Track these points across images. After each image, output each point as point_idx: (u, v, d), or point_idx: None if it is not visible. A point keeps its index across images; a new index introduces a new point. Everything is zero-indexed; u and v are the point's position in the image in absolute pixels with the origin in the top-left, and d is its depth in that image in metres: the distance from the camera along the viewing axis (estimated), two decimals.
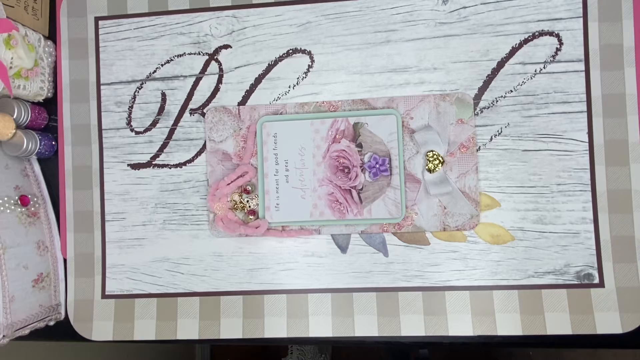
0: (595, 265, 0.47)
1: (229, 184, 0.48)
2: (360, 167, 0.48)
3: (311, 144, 0.48)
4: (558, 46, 0.48)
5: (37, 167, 0.53)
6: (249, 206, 0.48)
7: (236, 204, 0.49)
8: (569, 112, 0.48)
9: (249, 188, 0.48)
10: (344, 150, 0.48)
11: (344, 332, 0.49)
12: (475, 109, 0.49)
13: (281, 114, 0.50)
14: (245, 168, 0.48)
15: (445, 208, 0.47)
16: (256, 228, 0.48)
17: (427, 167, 0.47)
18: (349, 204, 0.48)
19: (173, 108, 0.52)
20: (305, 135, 0.48)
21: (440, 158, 0.47)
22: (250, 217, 0.48)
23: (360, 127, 0.48)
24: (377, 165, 0.47)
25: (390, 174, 0.48)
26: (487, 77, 0.49)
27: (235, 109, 0.50)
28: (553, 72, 0.48)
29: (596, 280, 0.47)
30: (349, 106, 0.49)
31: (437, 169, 0.47)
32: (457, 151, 0.48)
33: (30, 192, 0.52)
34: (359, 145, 0.48)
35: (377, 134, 0.48)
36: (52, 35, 0.54)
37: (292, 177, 0.48)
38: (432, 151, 0.47)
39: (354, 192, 0.48)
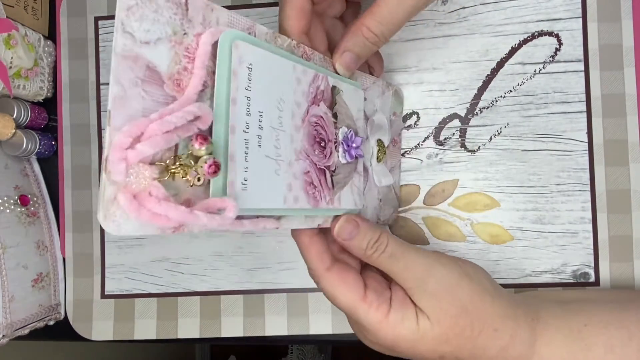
0: (592, 264, 0.47)
1: (167, 132, 0.25)
2: (335, 143, 0.38)
3: (291, 97, 0.34)
4: (557, 46, 0.48)
5: (36, 167, 0.53)
6: (198, 175, 0.26)
7: (169, 167, 0.25)
8: (569, 112, 0.48)
9: (205, 138, 0.27)
10: (321, 117, 0.38)
11: (344, 329, 0.49)
12: (474, 110, 0.49)
13: (250, 34, 0.31)
14: (197, 110, 0.26)
15: (381, 201, 0.45)
16: (217, 215, 0.27)
17: (377, 156, 0.43)
18: (322, 188, 0.37)
19: None
20: (287, 81, 0.34)
21: (385, 148, 0.44)
22: (197, 182, 0.27)
23: (337, 94, 0.39)
24: (351, 144, 0.39)
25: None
26: (486, 77, 0.49)
27: None
28: (552, 72, 0.48)
29: (592, 279, 0.47)
30: (319, 61, 0.38)
31: (382, 159, 0.44)
32: (391, 144, 0.46)
33: (30, 192, 0.52)
34: (334, 116, 0.39)
35: (350, 108, 0.40)
36: (51, 35, 0.53)
37: (266, 139, 0.32)
38: (380, 139, 0.44)
39: (328, 174, 0.37)
